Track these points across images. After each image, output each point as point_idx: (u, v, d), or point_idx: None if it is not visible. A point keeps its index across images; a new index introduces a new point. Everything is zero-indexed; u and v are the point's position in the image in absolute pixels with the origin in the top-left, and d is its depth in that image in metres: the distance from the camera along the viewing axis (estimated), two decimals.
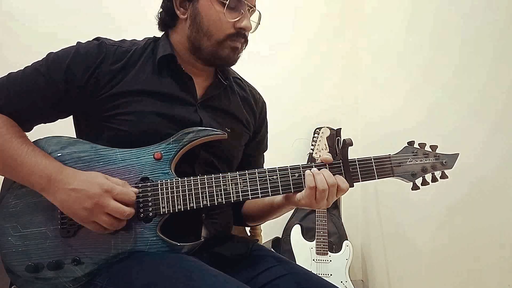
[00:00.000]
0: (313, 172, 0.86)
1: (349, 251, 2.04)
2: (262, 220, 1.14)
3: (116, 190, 0.80)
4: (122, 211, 0.80)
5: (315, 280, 0.90)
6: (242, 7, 0.92)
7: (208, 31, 0.92)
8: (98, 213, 0.79)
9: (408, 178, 0.90)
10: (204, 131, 0.89)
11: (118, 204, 0.80)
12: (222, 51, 0.93)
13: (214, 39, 0.92)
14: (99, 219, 0.80)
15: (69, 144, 0.87)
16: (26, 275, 0.83)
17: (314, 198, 0.86)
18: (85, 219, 0.80)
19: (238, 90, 1.08)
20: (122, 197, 0.81)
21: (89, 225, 0.81)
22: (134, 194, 0.83)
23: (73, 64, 0.89)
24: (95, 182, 0.80)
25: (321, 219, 2.02)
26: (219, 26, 0.91)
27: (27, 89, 0.89)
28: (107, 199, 0.79)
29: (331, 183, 0.85)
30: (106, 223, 0.80)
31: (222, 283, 0.75)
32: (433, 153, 0.91)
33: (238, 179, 0.87)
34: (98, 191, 0.79)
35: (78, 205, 0.79)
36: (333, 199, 0.87)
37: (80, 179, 0.81)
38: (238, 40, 0.94)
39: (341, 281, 1.95)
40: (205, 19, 0.92)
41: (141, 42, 1.00)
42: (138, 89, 0.92)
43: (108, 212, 0.79)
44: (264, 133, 1.16)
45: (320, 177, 0.85)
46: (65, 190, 0.80)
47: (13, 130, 0.86)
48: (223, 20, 0.90)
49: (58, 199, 0.81)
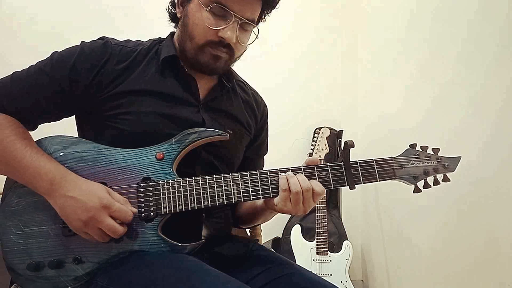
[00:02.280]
0: (287, 175, 0.86)
1: (349, 251, 2.04)
2: (252, 223, 1.14)
3: (114, 207, 0.80)
4: (115, 230, 0.80)
5: (315, 280, 0.90)
6: (229, 17, 0.89)
7: (191, 34, 0.92)
8: (91, 227, 0.80)
9: (410, 181, 0.89)
10: (206, 132, 0.89)
11: (112, 223, 0.80)
12: (202, 56, 0.92)
13: (195, 43, 0.91)
14: (91, 232, 0.80)
15: (71, 143, 0.87)
16: (27, 274, 0.83)
17: (289, 201, 0.85)
18: (78, 229, 0.81)
19: (240, 93, 1.08)
20: (119, 215, 0.81)
21: (81, 234, 0.82)
22: (131, 214, 0.82)
23: (78, 63, 0.89)
24: (95, 195, 0.80)
25: (321, 219, 2.03)
26: (201, 31, 0.90)
27: (31, 88, 0.89)
28: (103, 215, 0.79)
29: (305, 187, 0.84)
30: (98, 237, 0.81)
31: (222, 283, 0.75)
32: (435, 156, 0.91)
33: (240, 179, 0.87)
34: (96, 205, 0.79)
35: (74, 215, 0.80)
36: (310, 204, 0.86)
37: (81, 188, 0.81)
38: (219, 49, 0.91)
39: (341, 281, 1.96)
40: (190, 21, 0.91)
41: (146, 43, 1.00)
42: (141, 89, 0.92)
43: (102, 228, 0.80)
44: (265, 137, 1.17)
45: (294, 180, 0.84)
46: (64, 197, 0.80)
47: (18, 131, 0.86)
48: (205, 26, 0.89)
49: (57, 203, 0.81)
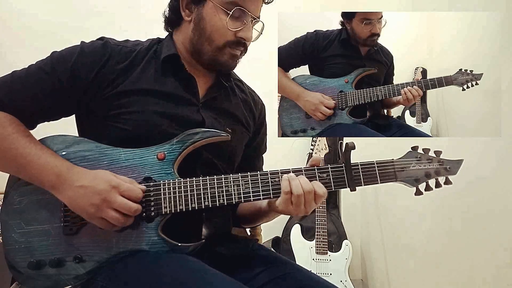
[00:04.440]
0: (289, 177, 0.86)
1: (348, 250, 2.05)
2: (254, 223, 1.14)
3: (123, 187, 0.81)
4: (129, 207, 0.80)
5: (315, 279, 0.90)
6: (246, 18, 0.93)
7: (210, 36, 0.93)
8: (105, 209, 0.79)
9: (411, 183, 0.89)
10: (209, 133, 0.90)
11: (125, 200, 0.80)
12: (222, 57, 0.95)
13: (215, 45, 0.94)
14: (106, 215, 0.80)
15: (74, 142, 0.87)
16: (28, 272, 0.83)
17: (290, 203, 0.85)
18: (92, 215, 0.80)
19: (238, 92, 1.09)
20: (129, 194, 0.81)
21: (97, 222, 0.81)
22: (141, 191, 0.83)
23: (78, 63, 0.90)
24: (102, 179, 0.81)
25: (321, 218, 2.03)
26: (221, 33, 0.93)
27: (31, 87, 0.89)
28: (114, 195, 0.79)
29: (307, 189, 0.84)
30: (113, 219, 0.80)
31: (222, 283, 0.75)
32: (437, 159, 0.90)
33: (240, 180, 0.87)
34: (105, 187, 0.79)
35: (86, 201, 0.79)
36: (311, 206, 0.86)
37: (88, 177, 0.82)
38: (238, 48, 0.95)
39: (341, 280, 1.96)
40: (208, 25, 0.93)
41: (145, 43, 1.00)
42: (141, 89, 0.92)
43: (116, 208, 0.79)
44: (263, 135, 1.17)
45: (296, 182, 0.84)
46: (73, 188, 0.81)
47: (19, 128, 0.86)
48: (226, 28, 0.92)
49: (67, 196, 0.81)
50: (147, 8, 1.99)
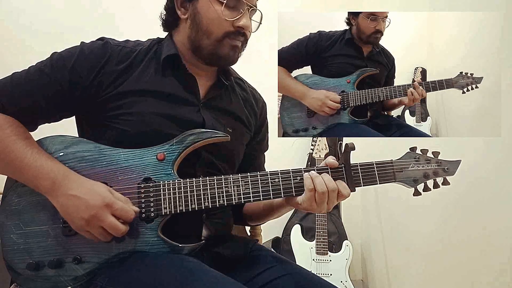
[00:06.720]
0: (311, 175, 0.86)
1: (349, 251, 2.05)
2: (262, 220, 1.14)
3: (117, 206, 0.80)
4: (117, 228, 0.80)
5: (315, 280, 0.90)
6: (242, 6, 0.92)
7: (207, 30, 0.92)
8: (93, 225, 0.79)
9: (409, 184, 0.89)
10: (206, 133, 0.89)
11: (115, 221, 0.80)
12: (222, 49, 0.94)
13: (214, 38, 0.93)
14: (93, 231, 0.80)
15: (73, 143, 0.87)
16: (27, 273, 0.83)
17: (314, 201, 0.85)
18: (80, 227, 0.80)
19: (239, 91, 1.09)
20: (121, 214, 0.80)
21: (84, 233, 0.82)
22: (133, 213, 0.82)
23: (78, 64, 0.89)
24: (97, 193, 0.80)
25: (321, 219, 2.03)
26: (218, 25, 0.92)
27: (31, 88, 0.88)
28: (105, 214, 0.79)
29: (331, 188, 0.84)
30: (100, 236, 0.81)
31: (221, 284, 0.75)
32: (435, 159, 0.91)
33: (240, 181, 0.87)
34: (98, 203, 0.79)
35: (76, 213, 0.79)
36: (334, 204, 0.87)
37: (83, 187, 0.81)
38: (237, 38, 0.94)
39: (341, 281, 1.96)
40: (204, 18, 0.92)
41: (145, 43, 1.00)
42: (141, 89, 0.92)
43: (104, 226, 0.79)
44: (265, 133, 1.17)
45: (319, 180, 0.85)
46: (66, 195, 0.80)
47: (19, 131, 0.86)
48: (222, 19, 0.91)
49: (59, 202, 0.81)
50: (149, 9, 1.99)
